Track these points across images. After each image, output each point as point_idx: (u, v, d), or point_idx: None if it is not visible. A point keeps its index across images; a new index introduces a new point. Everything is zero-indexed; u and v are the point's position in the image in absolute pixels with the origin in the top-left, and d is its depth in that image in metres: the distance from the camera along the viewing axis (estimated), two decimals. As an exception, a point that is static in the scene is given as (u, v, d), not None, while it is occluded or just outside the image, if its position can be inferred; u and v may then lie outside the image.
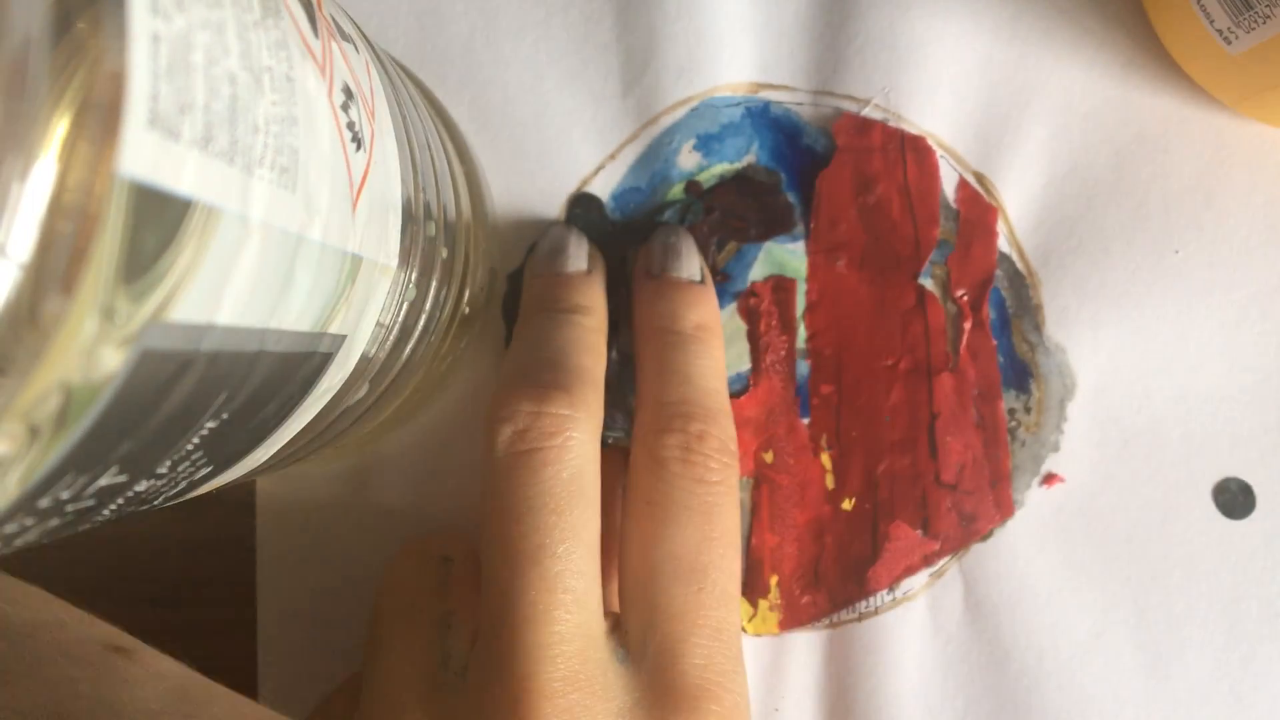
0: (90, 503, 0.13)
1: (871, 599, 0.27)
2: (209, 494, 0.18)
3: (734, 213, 0.27)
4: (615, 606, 0.23)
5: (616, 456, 0.25)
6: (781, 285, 0.27)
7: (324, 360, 0.16)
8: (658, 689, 0.21)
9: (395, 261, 0.17)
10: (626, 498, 0.23)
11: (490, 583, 0.21)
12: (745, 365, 0.27)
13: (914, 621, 0.27)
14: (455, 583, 0.23)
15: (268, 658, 0.28)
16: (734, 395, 0.27)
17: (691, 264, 0.26)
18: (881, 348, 0.27)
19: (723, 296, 0.27)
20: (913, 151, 0.27)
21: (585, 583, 0.21)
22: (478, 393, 0.28)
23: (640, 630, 0.22)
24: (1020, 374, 0.27)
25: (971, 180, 0.27)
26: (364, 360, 0.18)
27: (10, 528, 0.12)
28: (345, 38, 0.16)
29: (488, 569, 0.21)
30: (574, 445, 0.21)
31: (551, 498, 0.21)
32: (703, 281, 0.26)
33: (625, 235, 0.27)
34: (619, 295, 0.27)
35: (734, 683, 0.21)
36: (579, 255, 0.26)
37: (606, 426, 0.25)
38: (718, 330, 0.25)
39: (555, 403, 0.22)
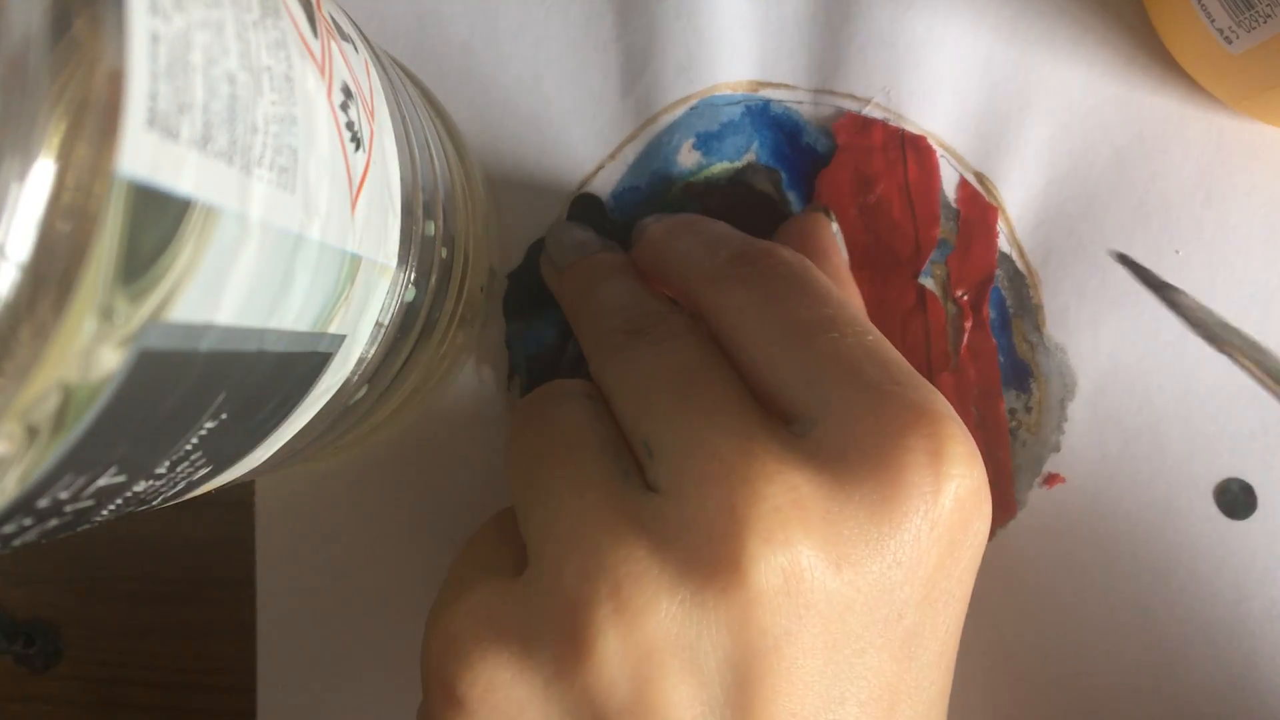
0: (89, 503, 0.13)
1: (872, 599, 0.27)
2: (208, 494, 0.18)
3: (728, 218, 0.27)
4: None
5: None
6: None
7: (323, 360, 0.16)
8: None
9: (394, 261, 0.17)
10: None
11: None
12: (745, 365, 0.27)
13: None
14: (605, 415, 0.22)
15: (268, 658, 0.27)
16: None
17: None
18: (882, 347, 0.27)
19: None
20: (913, 151, 0.27)
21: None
22: (477, 392, 0.28)
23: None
24: (1020, 374, 0.27)
25: (972, 180, 0.27)
26: (363, 360, 0.18)
27: (9, 528, 0.12)
28: (344, 37, 0.16)
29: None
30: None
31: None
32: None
33: (625, 235, 0.27)
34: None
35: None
36: (602, 245, 0.26)
37: None
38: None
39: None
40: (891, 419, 0.18)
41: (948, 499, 0.18)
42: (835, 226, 0.27)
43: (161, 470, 0.14)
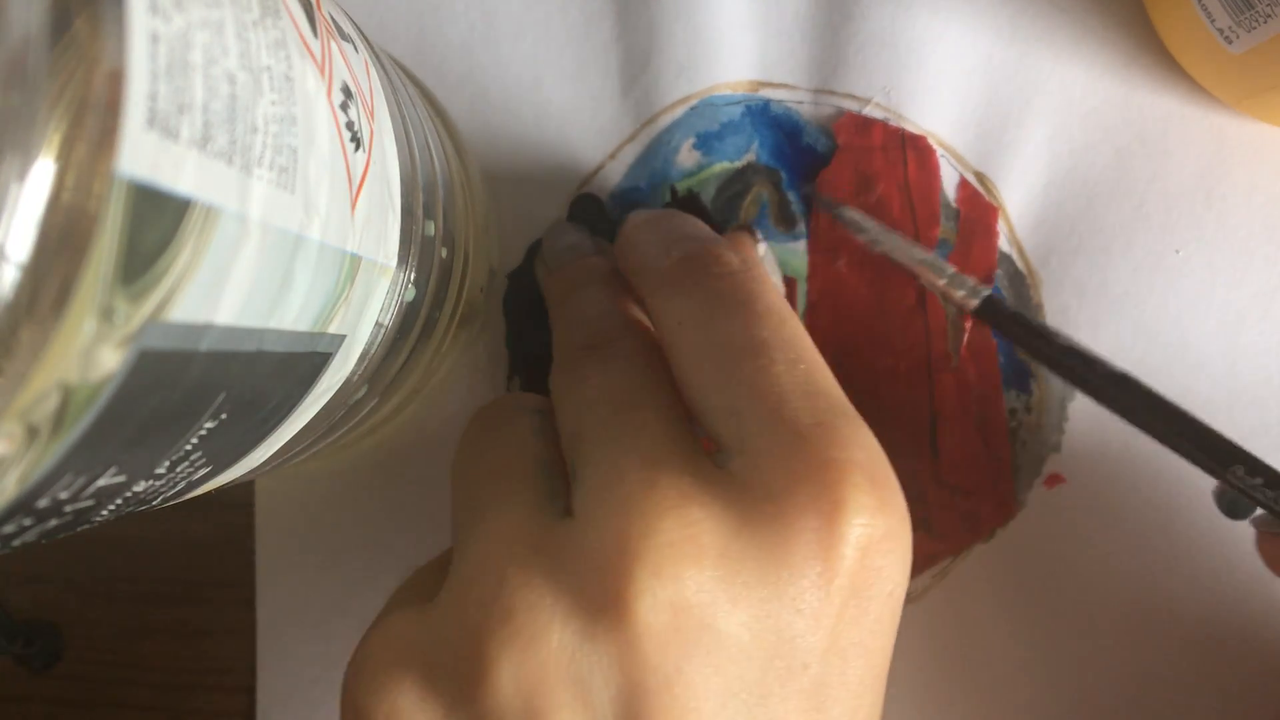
0: (89, 503, 0.13)
1: (872, 599, 0.27)
2: (209, 494, 0.18)
3: None
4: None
5: None
6: (781, 285, 0.27)
7: (323, 360, 0.16)
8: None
9: (394, 261, 0.17)
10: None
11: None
12: (745, 365, 0.27)
13: (916, 623, 0.27)
14: (549, 433, 0.22)
15: (268, 658, 0.27)
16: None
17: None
18: (882, 348, 0.27)
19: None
20: (913, 150, 0.27)
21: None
22: (477, 391, 0.28)
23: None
24: (1021, 374, 0.27)
25: (972, 179, 0.27)
26: (363, 360, 0.18)
27: (9, 528, 0.12)
28: (344, 37, 0.16)
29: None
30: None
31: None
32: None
33: (625, 235, 0.27)
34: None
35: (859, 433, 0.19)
36: (594, 247, 0.26)
37: None
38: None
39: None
40: (798, 463, 0.18)
41: (848, 548, 0.17)
42: (764, 248, 0.27)
43: (161, 470, 0.14)
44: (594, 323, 0.23)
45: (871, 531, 0.18)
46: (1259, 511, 0.23)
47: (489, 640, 0.17)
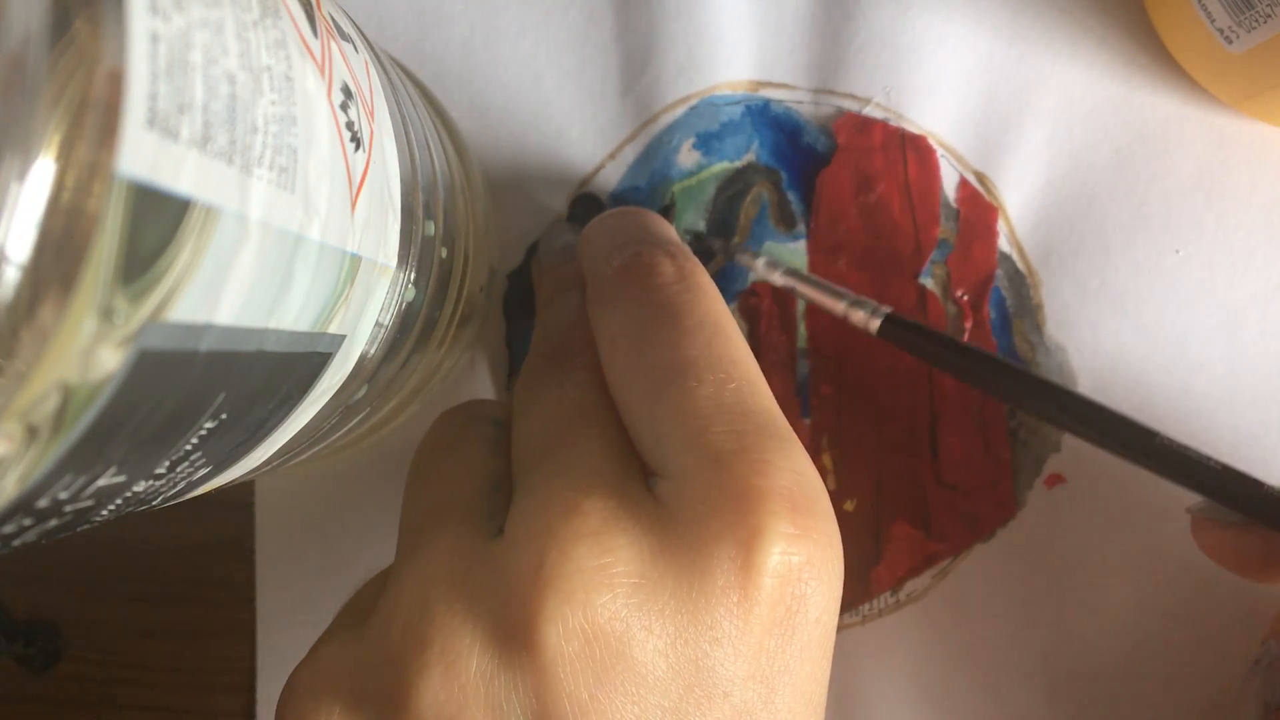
0: (88, 503, 0.13)
1: (874, 601, 0.27)
2: (208, 494, 0.18)
3: None
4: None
5: None
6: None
7: (323, 360, 0.16)
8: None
9: (394, 261, 0.17)
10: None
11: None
12: (745, 365, 0.27)
13: (917, 623, 0.27)
14: (505, 445, 0.22)
15: (268, 658, 0.27)
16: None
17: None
18: (882, 347, 0.27)
19: (724, 296, 0.27)
20: (913, 151, 0.27)
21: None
22: (478, 392, 0.28)
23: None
24: (1021, 374, 0.27)
25: (972, 179, 0.27)
26: (363, 360, 0.18)
27: (9, 528, 0.12)
28: (344, 37, 0.16)
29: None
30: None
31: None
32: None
33: (625, 235, 0.27)
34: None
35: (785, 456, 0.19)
36: None
37: None
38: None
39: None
40: (716, 490, 0.18)
41: (766, 577, 0.17)
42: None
43: (161, 470, 0.14)
44: (563, 332, 0.23)
45: (791, 559, 0.17)
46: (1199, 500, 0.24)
47: (410, 665, 0.17)
